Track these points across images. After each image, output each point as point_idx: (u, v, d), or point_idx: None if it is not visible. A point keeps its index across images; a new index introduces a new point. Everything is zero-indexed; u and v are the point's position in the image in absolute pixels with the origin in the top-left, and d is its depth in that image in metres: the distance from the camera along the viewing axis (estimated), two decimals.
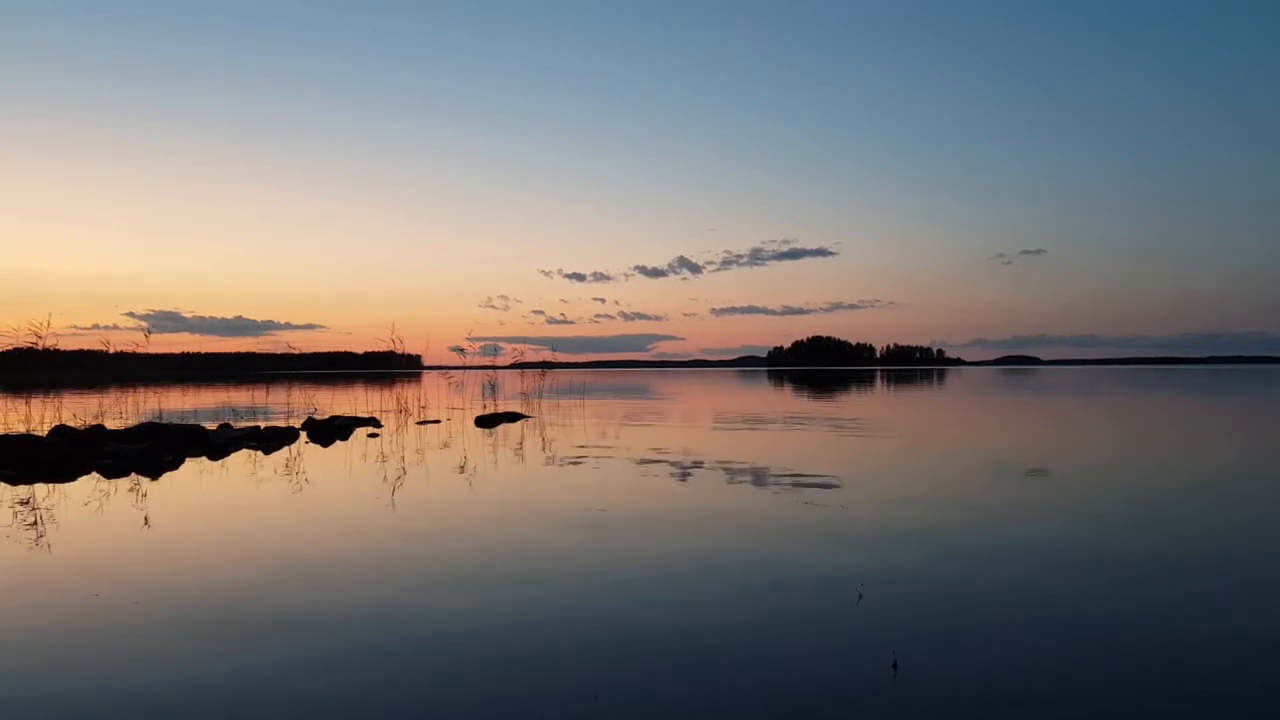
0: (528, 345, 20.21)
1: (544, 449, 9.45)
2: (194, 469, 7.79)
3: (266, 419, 13.73)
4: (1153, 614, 3.15)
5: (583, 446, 9.65)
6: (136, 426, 9.77)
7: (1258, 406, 17.62)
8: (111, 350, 14.54)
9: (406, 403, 17.81)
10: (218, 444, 9.79)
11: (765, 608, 3.25)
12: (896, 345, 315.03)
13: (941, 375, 61.52)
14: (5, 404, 18.47)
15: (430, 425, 13.41)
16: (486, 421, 13.93)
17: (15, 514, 5.41)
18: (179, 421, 10.76)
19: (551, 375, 21.87)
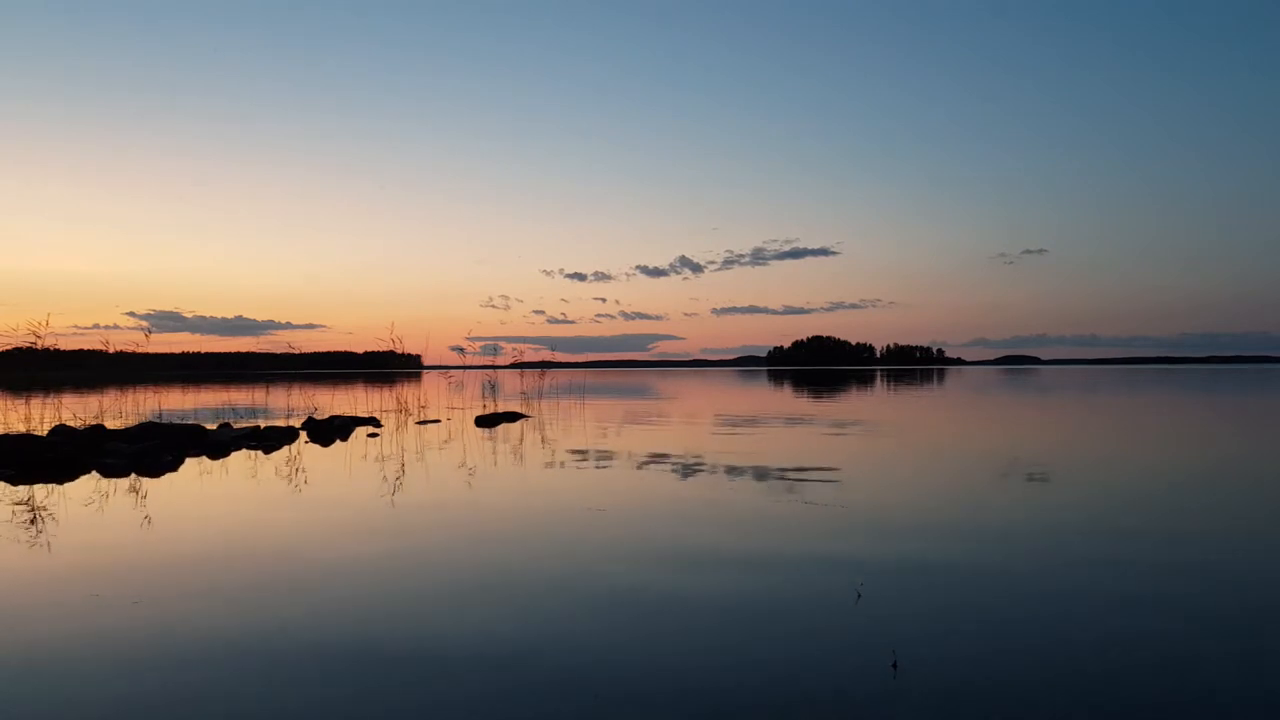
0: (528, 345, 20.21)
1: (544, 449, 9.45)
2: (194, 469, 7.79)
3: (266, 419, 13.73)
4: (1153, 613, 3.15)
5: (582, 446, 9.65)
6: (136, 426, 9.77)
7: (1257, 406, 17.61)
8: (111, 350, 14.53)
9: (406, 402, 17.81)
10: (218, 443, 9.79)
11: (765, 607, 3.25)
12: (897, 345, 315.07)
13: (941, 375, 61.52)
14: (5, 404, 18.47)
15: (430, 425, 13.41)
16: (486, 421, 13.93)
17: (15, 514, 5.41)
18: (179, 421, 10.76)
19: (551, 375, 21.87)
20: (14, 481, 6.93)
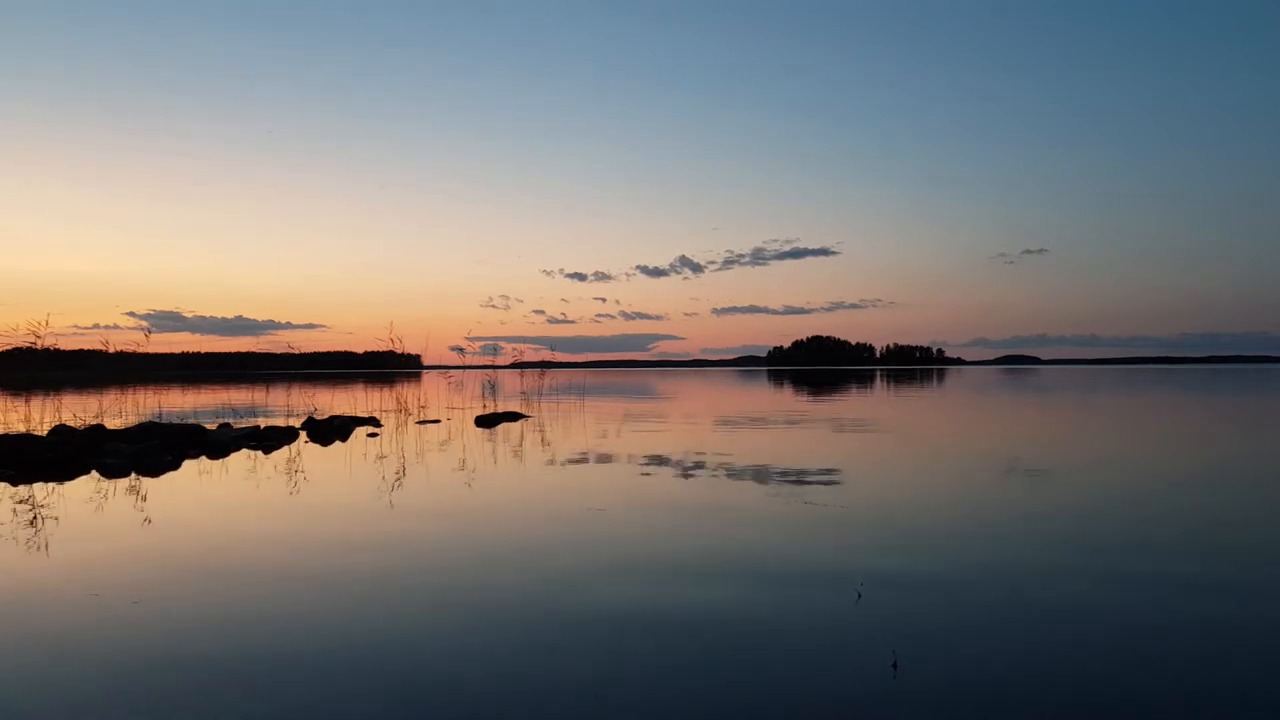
0: (528, 345, 20.21)
1: (543, 449, 9.45)
2: (194, 469, 7.79)
3: (267, 418, 13.73)
4: (1153, 613, 3.15)
5: (582, 446, 9.65)
6: (136, 426, 9.77)
7: (1256, 406, 17.61)
8: (111, 350, 14.53)
9: (406, 402, 17.81)
10: (218, 443, 9.79)
11: (764, 607, 3.25)
12: (896, 345, 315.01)
13: (941, 375, 61.52)
14: (5, 404, 18.47)
15: (430, 425, 13.41)
16: (486, 421, 13.93)
17: (15, 514, 5.41)
18: (179, 421, 10.76)
19: (551, 375, 21.88)
20: (14, 481, 6.93)
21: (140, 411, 15.33)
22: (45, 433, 9.28)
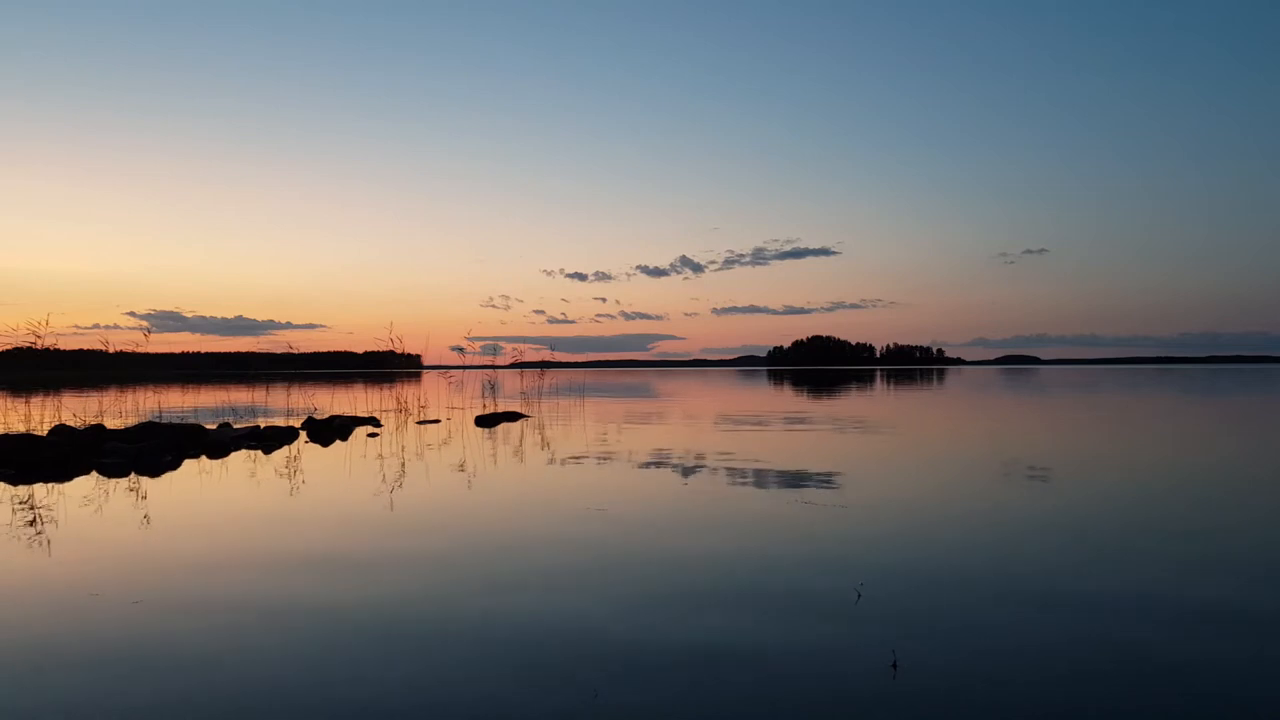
0: (528, 345, 20.20)
1: (543, 448, 9.45)
2: (194, 468, 7.79)
3: (266, 418, 13.74)
4: (1153, 613, 3.15)
5: (582, 446, 9.65)
6: (136, 426, 9.76)
7: (1255, 405, 17.61)
8: (111, 350, 14.55)
9: (406, 402, 17.81)
10: (218, 443, 9.79)
11: (765, 607, 3.25)
12: (896, 345, 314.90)
13: (941, 375, 61.52)
14: (5, 404, 18.47)
15: (430, 425, 13.41)
16: (486, 421, 13.93)
17: (15, 514, 5.41)
18: (179, 421, 10.76)
19: (551, 375, 21.90)
20: (14, 481, 6.93)
21: (140, 411, 15.33)
22: (45, 433, 9.28)
